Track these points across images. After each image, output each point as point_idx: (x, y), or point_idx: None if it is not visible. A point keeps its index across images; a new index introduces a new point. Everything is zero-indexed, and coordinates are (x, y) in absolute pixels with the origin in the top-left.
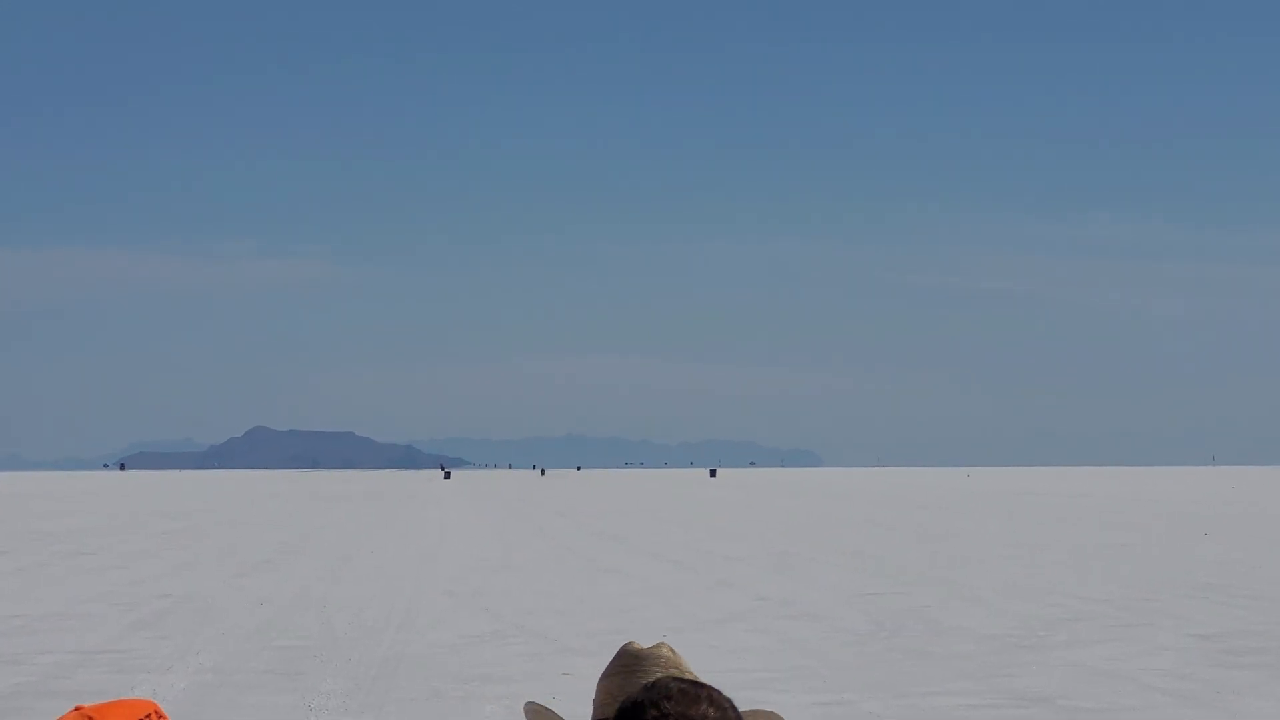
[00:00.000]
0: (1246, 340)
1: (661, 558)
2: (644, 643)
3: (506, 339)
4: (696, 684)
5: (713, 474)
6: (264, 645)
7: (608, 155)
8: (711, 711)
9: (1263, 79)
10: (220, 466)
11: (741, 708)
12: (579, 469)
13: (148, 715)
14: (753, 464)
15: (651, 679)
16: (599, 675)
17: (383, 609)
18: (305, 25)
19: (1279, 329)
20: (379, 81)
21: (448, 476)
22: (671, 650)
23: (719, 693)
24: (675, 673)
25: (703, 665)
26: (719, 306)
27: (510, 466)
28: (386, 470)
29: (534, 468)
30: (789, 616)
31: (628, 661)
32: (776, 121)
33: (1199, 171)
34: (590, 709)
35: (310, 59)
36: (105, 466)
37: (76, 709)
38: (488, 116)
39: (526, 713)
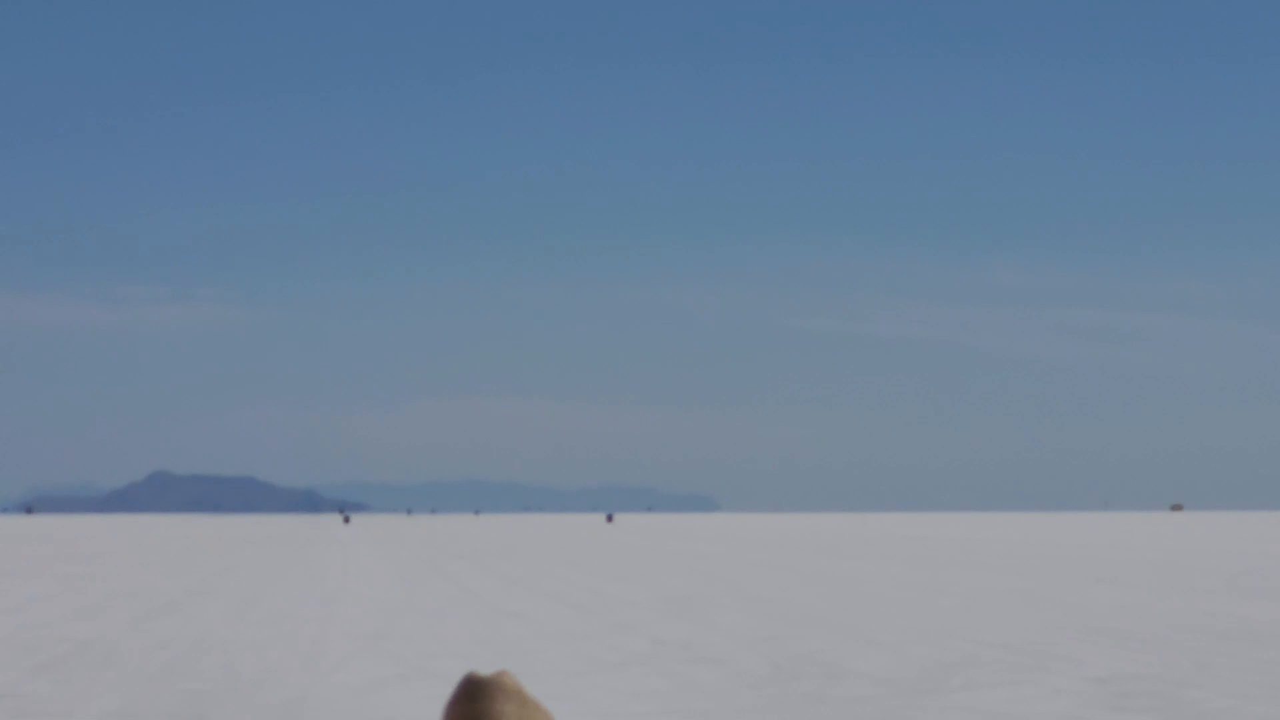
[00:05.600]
0: (1136, 387)
1: (561, 601)
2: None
3: (406, 383)
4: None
5: (609, 519)
6: (167, 688)
7: (504, 198)
8: None
9: (1160, 126)
10: (121, 511)
11: None
12: (477, 513)
13: None
14: (649, 509)
15: (496, 705)
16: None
17: (286, 652)
18: (206, 69)
19: (1168, 377)
20: (280, 127)
21: (347, 521)
22: (512, 678)
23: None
24: (518, 699)
25: (603, 708)
26: (619, 352)
27: (409, 512)
28: (288, 515)
29: (408, 512)
30: (688, 660)
31: (472, 689)
32: (676, 165)
33: (1092, 218)
34: None
35: (212, 104)
36: (3, 511)
37: None
38: (387, 163)
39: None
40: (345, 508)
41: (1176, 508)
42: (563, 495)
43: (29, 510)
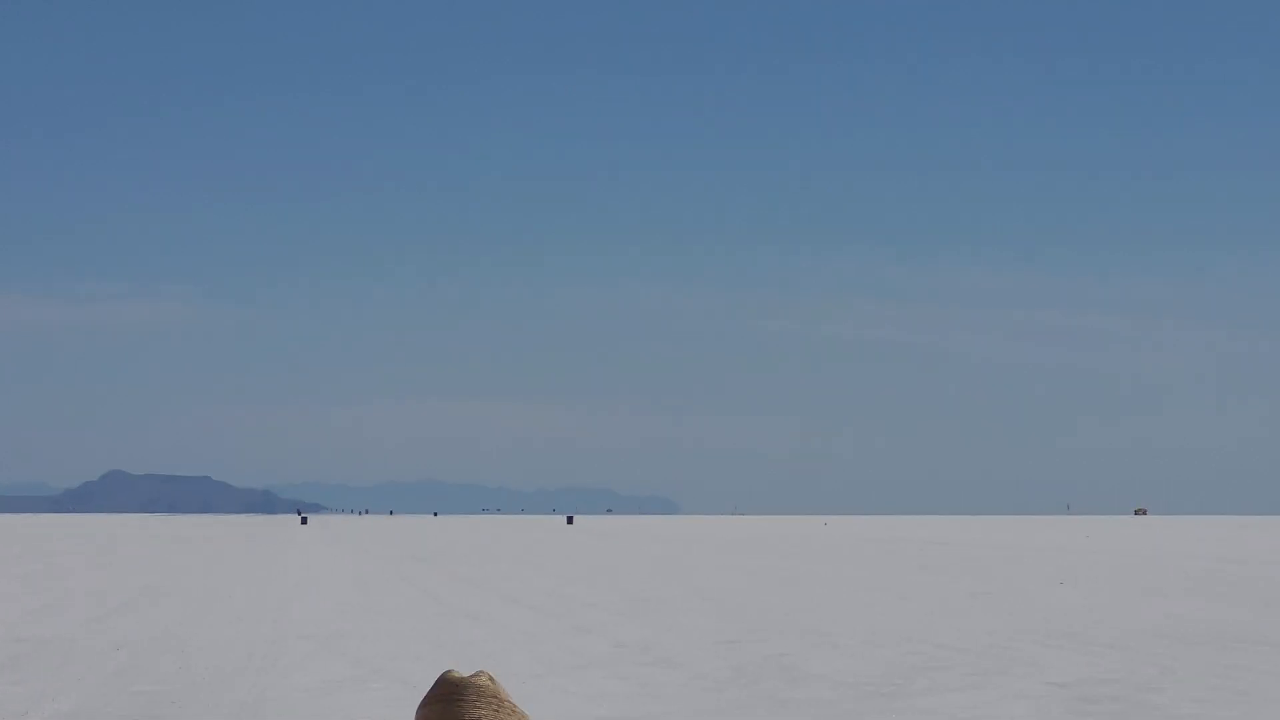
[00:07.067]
0: (1099, 390)
1: (520, 603)
2: (466, 672)
3: (363, 384)
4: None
5: (569, 520)
6: (123, 689)
7: (461, 198)
8: None
9: (1124, 130)
10: (75, 510)
11: None
12: (435, 514)
13: None
14: (609, 511)
15: (471, 709)
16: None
17: (243, 652)
18: (163, 66)
19: (1132, 380)
20: (238, 123)
21: (304, 521)
22: (491, 679)
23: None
24: (495, 702)
25: (562, 711)
26: (577, 352)
27: (364, 512)
28: (244, 515)
29: (362, 512)
30: (648, 663)
31: (447, 690)
32: (630, 165)
33: (1055, 221)
34: None
35: (169, 100)
36: None
37: None
38: (348, 163)
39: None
40: (302, 508)
41: (1140, 511)
42: (521, 496)
43: None
